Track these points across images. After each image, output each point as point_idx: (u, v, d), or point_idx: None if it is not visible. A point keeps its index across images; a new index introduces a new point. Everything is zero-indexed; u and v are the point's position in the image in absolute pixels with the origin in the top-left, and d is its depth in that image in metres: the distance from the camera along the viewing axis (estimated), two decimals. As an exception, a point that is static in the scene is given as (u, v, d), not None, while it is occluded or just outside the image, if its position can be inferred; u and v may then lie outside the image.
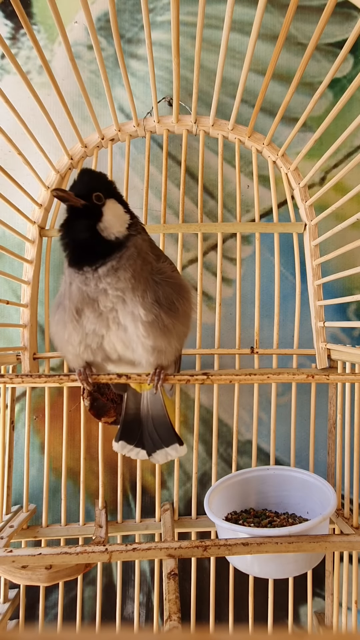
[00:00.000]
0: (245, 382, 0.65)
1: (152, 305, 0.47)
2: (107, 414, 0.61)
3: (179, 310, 0.49)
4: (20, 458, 0.73)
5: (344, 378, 0.59)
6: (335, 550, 0.60)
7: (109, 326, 0.47)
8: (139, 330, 0.47)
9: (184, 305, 0.49)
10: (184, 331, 0.51)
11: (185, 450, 0.58)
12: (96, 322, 0.47)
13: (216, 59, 0.65)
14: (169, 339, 0.48)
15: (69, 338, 0.49)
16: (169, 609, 0.41)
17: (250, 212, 0.80)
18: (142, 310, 0.46)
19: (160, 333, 0.47)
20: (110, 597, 0.75)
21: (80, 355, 0.49)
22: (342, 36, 0.80)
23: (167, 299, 0.48)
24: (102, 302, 0.47)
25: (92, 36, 0.49)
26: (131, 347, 0.48)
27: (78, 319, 0.47)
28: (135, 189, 0.78)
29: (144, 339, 0.47)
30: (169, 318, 0.47)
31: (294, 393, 0.74)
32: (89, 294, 0.47)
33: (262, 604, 0.72)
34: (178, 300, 0.49)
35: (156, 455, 0.58)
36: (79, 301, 0.47)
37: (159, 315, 0.47)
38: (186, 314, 0.50)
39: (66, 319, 0.48)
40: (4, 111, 0.55)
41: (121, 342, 0.48)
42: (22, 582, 0.50)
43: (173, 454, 0.58)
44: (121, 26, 0.78)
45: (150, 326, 0.47)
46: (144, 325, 0.47)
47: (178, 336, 0.49)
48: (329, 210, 0.64)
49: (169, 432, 0.58)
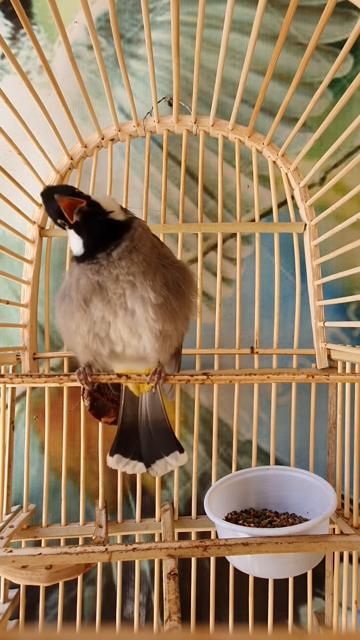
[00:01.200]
0: (245, 382, 0.65)
1: (162, 288, 0.47)
2: (107, 414, 0.61)
3: (185, 294, 0.49)
4: (20, 458, 0.73)
5: (344, 378, 0.59)
6: (335, 550, 0.60)
7: (116, 312, 0.47)
8: (148, 314, 0.47)
9: (189, 288, 0.50)
10: (188, 315, 0.51)
11: (186, 458, 0.56)
12: (104, 309, 0.47)
13: (216, 59, 0.65)
14: (176, 322, 0.49)
15: (77, 328, 0.48)
16: (169, 609, 0.41)
17: (250, 212, 0.80)
18: (152, 293, 0.46)
19: (169, 316, 0.48)
20: (110, 597, 0.75)
21: (90, 346, 0.49)
22: (342, 36, 0.80)
23: (175, 282, 0.49)
24: (111, 290, 0.47)
25: (92, 36, 0.49)
26: (137, 334, 0.48)
27: (86, 308, 0.47)
28: (135, 189, 0.78)
29: (153, 322, 0.47)
30: (177, 301, 0.48)
31: (294, 393, 0.74)
32: (99, 283, 0.47)
33: (262, 604, 0.72)
34: (184, 283, 0.50)
35: (155, 467, 0.56)
36: (87, 291, 0.47)
37: (167, 298, 0.47)
38: (190, 298, 0.51)
39: (74, 308, 0.48)
40: (4, 111, 0.55)
41: (128, 329, 0.48)
42: (22, 582, 0.50)
43: (173, 464, 0.56)
44: (121, 26, 0.78)
45: (160, 309, 0.47)
46: (153, 308, 0.47)
47: (184, 319, 0.50)
48: (329, 210, 0.64)
49: (168, 439, 0.56)
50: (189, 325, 0.54)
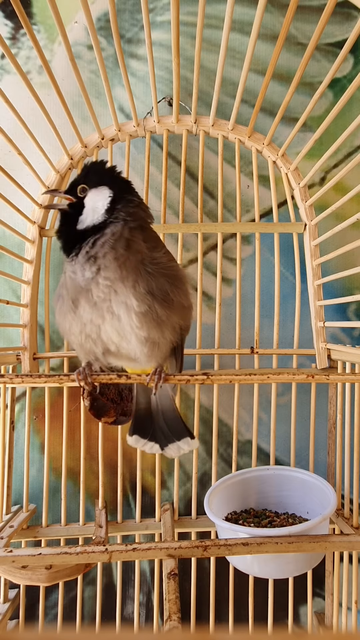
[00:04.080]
0: (245, 382, 0.65)
1: (145, 296, 0.46)
2: (107, 414, 0.61)
3: (174, 302, 0.48)
4: (20, 458, 0.73)
5: (344, 378, 0.59)
6: (335, 550, 0.60)
7: (103, 316, 0.47)
8: (132, 321, 0.46)
9: (178, 296, 0.49)
10: (180, 323, 0.50)
11: (197, 443, 0.59)
12: (92, 312, 0.47)
13: (216, 59, 0.65)
14: (163, 330, 0.48)
15: (70, 328, 0.49)
16: (169, 609, 0.41)
17: (250, 212, 0.80)
18: (134, 300, 0.46)
19: (155, 324, 0.47)
20: (110, 597, 0.75)
21: (84, 345, 0.49)
22: (342, 36, 0.80)
23: (161, 290, 0.47)
24: (94, 292, 0.47)
25: (92, 36, 0.49)
26: (126, 338, 0.48)
27: (75, 310, 0.48)
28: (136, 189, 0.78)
29: (138, 329, 0.47)
30: (163, 309, 0.47)
31: (294, 393, 0.74)
32: (80, 284, 0.47)
33: (262, 604, 0.72)
34: (172, 291, 0.48)
35: (168, 450, 0.58)
36: (74, 291, 0.48)
37: (152, 306, 0.46)
38: (181, 305, 0.49)
39: (65, 309, 0.49)
40: (4, 111, 0.55)
41: (116, 332, 0.48)
42: (22, 582, 0.50)
43: (185, 448, 0.58)
44: (121, 26, 0.78)
45: (144, 317, 0.46)
46: (137, 316, 0.46)
47: (173, 328, 0.49)
48: (329, 210, 0.64)
49: (179, 426, 0.58)
50: (186, 334, 0.54)
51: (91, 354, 0.50)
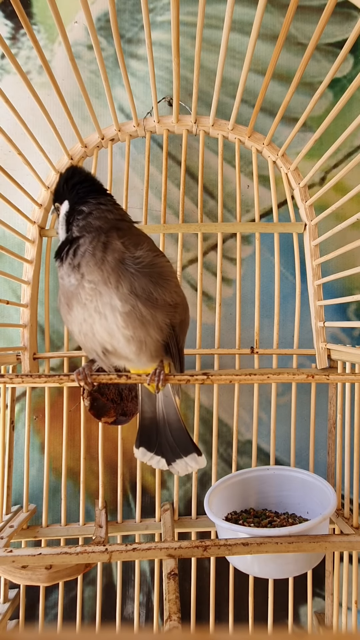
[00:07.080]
0: (245, 382, 0.65)
1: (128, 296, 0.47)
2: (107, 414, 0.61)
3: (158, 301, 0.48)
4: (20, 458, 0.73)
5: (344, 378, 0.59)
6: (335, 550, 0.60)
7: (93, 316, 0.48)
8: (117, 321, 0.47)
9: (163, 294, 0.48)
10: (166, 321, 0.49)
11: (204, 461, 0.57)
12: (83, 313, 0.49)
13: (216, 59, 0.65)
14: (148, 329, 0.48)
15: (72, 329, 0.51)
16: (169, 609, 0.41)
17: (250, 212, 0.80)
18: (118, 301, 0.47)
19: (139, 324, 0.47)
20: (110, 597, 0.75)
21: (84, 344, 0.51)
22: (342, 36, 0.80)
23: (144, 289, 0.47)
24: (82, 295, 0.48)
25: (92, 36, 0.49)
26: (115, 337, 0.49)
27: (70, 311, 0.49)
28: (135, 189, 0.78)
29: (123, 329, 0.47)
30: (147, 309, 0.47)
31: (294, 393, 0.74)
32: (69, 289, 0.49)
33: (262, 604, 0.72)
34: (157, 290, 0.48)
35: (176, 466, 0.57)
36: (66, 295, 0.49)
37: (135, 306, 0.47)
38: (166, 303, 0.49)
39: (64, 311, 0.51)
40: (4, 111, 0.55)
41: (106, 332, 0.48)
42: (22, 582, 0.50)
43: (193, 465, 0.56)
44: (121, 26, 0.78)
45: (128, 317, 0.47)
46: (122, 316, 0.47)
47: (159, 327, 0.49)
48: (329, 210, 0.64)
49: (186, 440, 0.57)
50: (183, 335, 0.54)
51: (93, 352, 0.51)
